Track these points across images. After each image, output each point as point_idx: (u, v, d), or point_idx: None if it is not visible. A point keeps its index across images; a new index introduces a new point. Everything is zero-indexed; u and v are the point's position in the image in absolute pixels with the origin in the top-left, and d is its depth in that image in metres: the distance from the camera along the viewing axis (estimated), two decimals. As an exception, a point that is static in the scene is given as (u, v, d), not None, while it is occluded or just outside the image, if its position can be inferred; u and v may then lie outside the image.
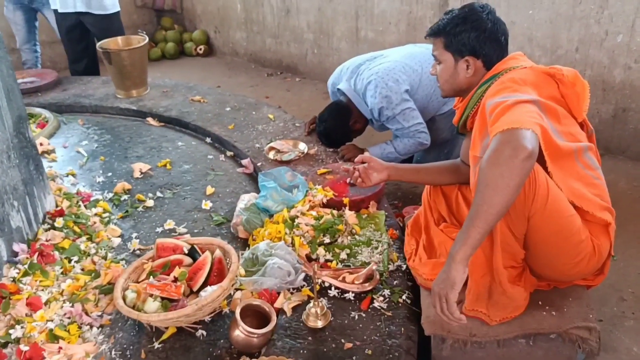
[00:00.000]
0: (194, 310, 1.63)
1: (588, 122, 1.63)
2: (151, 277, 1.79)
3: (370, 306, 1.75)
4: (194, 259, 1.87)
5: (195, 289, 1.77)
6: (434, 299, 1.45)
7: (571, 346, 1.60)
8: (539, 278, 1.64)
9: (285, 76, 4.92)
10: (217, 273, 1.81)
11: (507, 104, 1.41)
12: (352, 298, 1.79)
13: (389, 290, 1.80)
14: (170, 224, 2.23)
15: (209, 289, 1.71)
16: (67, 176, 2.63)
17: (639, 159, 3.03)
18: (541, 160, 1.43)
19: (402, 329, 1.67)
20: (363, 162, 2.02)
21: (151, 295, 1.71)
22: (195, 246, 1.90)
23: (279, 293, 1.81)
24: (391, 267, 1.92)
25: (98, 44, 3.41)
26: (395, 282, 1.85)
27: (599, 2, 2.93)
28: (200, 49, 5.74)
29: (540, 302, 1.63)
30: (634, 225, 2.49)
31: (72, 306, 1.77)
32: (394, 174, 2.02)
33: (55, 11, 3.84)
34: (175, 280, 1.77)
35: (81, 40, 3.97)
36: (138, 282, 1.80)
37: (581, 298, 1.64)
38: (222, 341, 1.67)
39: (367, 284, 1.81)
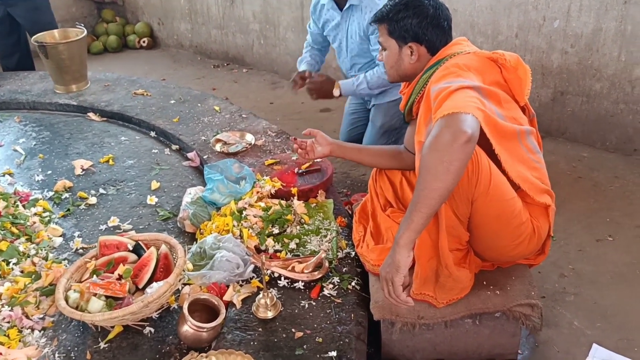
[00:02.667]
0: (140, 307, 1.59)
1: (529, 106, 1.66)
2: (95, 275, 1.74)
3: (320, 294, 1.76)
4: (139, 256, 1.82)
5: (141, 286, 1.73)
6: (382, 283, 1.48)
7: (515, 323, 1.65)
8: (483, 259, 1.68)
9: (232, 67, 4.85)
10: (164, 269, 1.78)
11: (450, 90, 1.43)
12: (302, 287, 1.79)
13: (338, 278, 1.81)
14: (114, 221, 2.17)
15: (155, 285, 1.67)
16: (4, 176, 2.52)
17: (577, 141, 3.14)
18: (486, 145, 1.44)
19: (352, 315, 1.68)
20: (310, 136, 2.05)
21: (95, 295, 1.66)
22: (140, 242, 1.85)
23: (228, 286, 1.79)
24: (340, 255, 1.92)
25: (33, 38, 3.27)
26: (344, 270, 1.86)
27: (536, -12, 3.01)
28: (144, 42, 5.59)
29: (484, 282, 1.66)
30: (573, 204, 2.58)
31: (11, 310, 1.70)
32: (337, 151, 2.05)
33: None
34: (120, 277, 1.72)
35: (11, 34, 3.80)
36: (81, 282, 1.75)
37: (524, 276, 1.69)
38: (170, 337, 1.64)
39: (316, 273, 1.81)
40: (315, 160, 2.36)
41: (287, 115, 3.75)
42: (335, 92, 2.71)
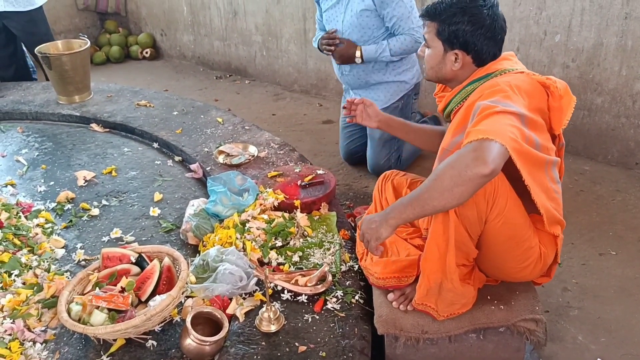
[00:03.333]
0: (143, 320, 1.58)
1: (562, 136, 1.63)
2: (97, 288, 1.73)
3: (324, 308, 1.75)
4: (142, 268, 1.82)
5: (143, 299, 1.72)
6: (360, 237, 1.57)
7: (519, 338, 1.64)
8: (487, 275, 1.68)
9: (235, 79, 4.87)
10: (166, 281, 1.77)
11: (494, 110, 1.40)
12: (305, 300, 1.78)
13: (341, 291, 1.80)
14: (116, 233, 2.17)
15: (157, 298, 1.67)
16: (6, 186, 2.52)
17: (578, 154, 3.15)
18: (514, 169, 1.42)
19: (356, 329, 1.67)
20: (363, 103, 2.02)
21: (97, 307, 1.65)
22: (143, 255, 1.85)
23: (231, 299, 1.78)
24: (343, 268, 1.92)
25: (37, 49, 3.28)
26: (347, 283, 1.85)
27: (537, 3, 3.03)
28: (147, 52, 5.62)
29: (489, 297, 1.66)
30: (575, 218, 2.58)
31: (13, 322, 1.69)
32: (384, 125, 2.02)
33: None
34: (123, 290, 1.72)
35: (7, 46, 3.80)
36: (84, 294, 1.74)
37: (528, 291, 1.69)
38: (173, 350, 1.63)
39: (319, 286, 1.81)
40: (318, 172, 2.37)
41: (290, 126, 3.76)
42: (357, 58, 2.77)
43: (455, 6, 1.61)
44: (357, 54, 2.76)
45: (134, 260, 1.84)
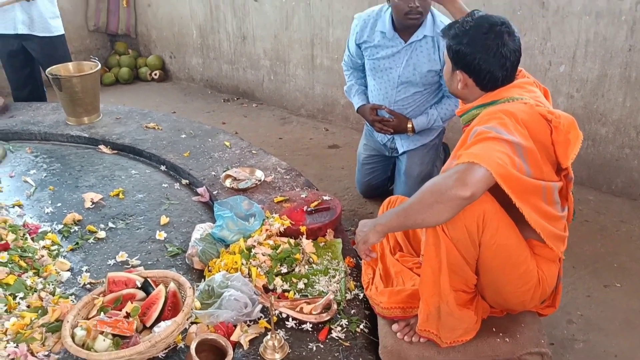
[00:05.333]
0: (147, 347, 1.58)
1: (570, 169, 1.61)
2: (102, 313, 1.73)
3: (328, 337, 1.75)
4: (148, 293, 1.82)
5: (148, 325, 1.72)
6: (356, 237, 1.72)
7: (524, 372, 1.63)
8: (490, 305, 1.68)
9: (242, 102, 4.92)
10: (172, 307, 1.77)
11: (487, 136, 1.45)
12: (309, 329, 1.78)
13: (346, 320, 1.80)
14: (122, 256, 2.17)
15: (162, 324, 1.67)
16: (13, 207, 2.53)
17: (582, 184, 3.15)
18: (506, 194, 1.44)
19: (360, 359, 1.66)
20: None
21: (102, 333, 1.65)
22: (148, 279, 1.85)
23: (235, 326, 1.78)
24: (348, 296, 1.92)
25: (47, 70, 3.33)
26: (352, 312, 1.85)
27: (542, 34, 3.06)
28: (156, 74, 5.69)
29: (494, 329, 1.66)
30: (580, 248, 2.58)
31: (17, 346, 1.69)
32: None
33: None
34: (128, 315, 1.72)
35: (25, 67, 3.86)
36: (88, 319, 1.74)
37: (533, 323, 1.68)
38: (176, 378, 1.63)
39: (324, 314, 1.81)
40: (324, 198, 2.38)
41: (296, 150, 3.79)
42: (409, 131, 2.73)
43: (462, 26, 1.63)
44: (409, 126, 2.72)
45: (139, 285, 1.84)
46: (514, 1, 3.11)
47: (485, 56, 1.58)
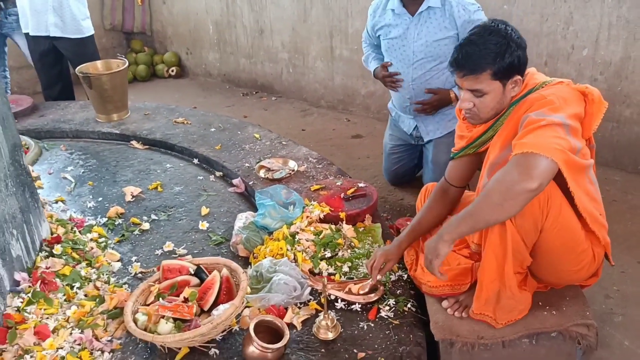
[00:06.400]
0: (210, 329, 1.65)
1: (592, 138, 1.68)
2: (160, 298, 1.80)
3: (378, 316, 1.81)
4: (201, 279, 1.89)
5: (206, 309, 1.79)
6: (425, 260, 1.61)
7: (571, 343, 1.69)
8: (539, 281, 1.74)
9: (261, 95, 4.97)
10: (226, 292, 1.84)
11: (539, 124, 1.46)
12: (358, 309, 1.85)
13: (393, 300, 1.87)
14: (169, 246, 2.24)
15: (221, 307, 1.74)
16: (57, 203, 2.61)
17: (608, 165, 3.19)
18: (560, 177, 1.48)
19: (411, 336, 1.73)
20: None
21: (163, 317, 1.72)
22: (201, 266, 1.92)
23: (286, 308, 1.84)
24: (393, 278, 1.98)
25: (77, 69, 3.40)
26: (398, 292, 1.91)
27: (565, 19, 3.10)
28: (172, 71, 5.75)
29: (540, 303, 1.72)
30: (610, 227, 2.54)
31: (82, 332, 1.77)
32: (405, 248, 1.94)
33: (27, 35, 3.82)
34: (186, 300, 1.79)
35: (55, 65, 3.95)
36: (146, 305, 1.81)
37: (577, 297, 1.74)
38: (235, 358, 1.70)
39: (372, 295, 1.87)
40: (360, 185, 2.44)
41: (320, 141, 3.84)
42: (454, 98, 2.73)
43: (498, 43, 1.59)
44: (452, 95, 2.73)
45: (192, 272, 1.91)
46: (535, -14, 3.15)
47: (525, 46, 1.63)
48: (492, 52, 1.58)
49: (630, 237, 2.56)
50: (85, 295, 1.96)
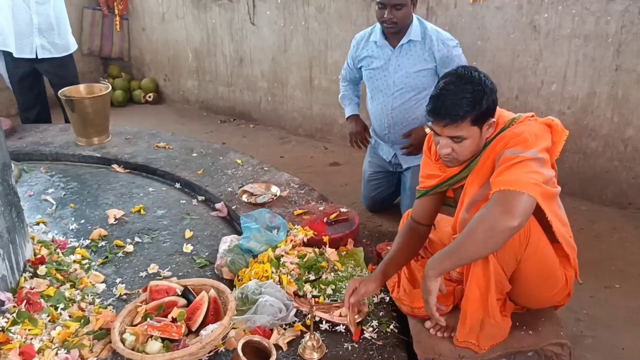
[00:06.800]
0: (198, 348, 1.68)
1: (555, 164, 1.77)
2: (148, 319, 1.82)
3: (362, 337, 1.86)
4: (189, 300, 1.91)
5: (194, 329, 1.82)
6: (425, 304, 1.70)
7: (546, 362, 1.77)
8: (516, 304, 1.82)
9: (239, 123, 5.04)
10: (214, 312, 1.87)
11: (514, 161, 1.54)
12: (343, 330, 1.89)
13: (376, 321, 1.92)
14: (154, 268, 2.26)
15: (209, 327, 1.77)
16: (38, 224, 2.60)
17: (575, 195, 3.35)
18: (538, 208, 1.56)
19: (394, 356, 1.78)
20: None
21: (151, 337, 1.74)
22: (188, 287, 1.95)
23: (272, 330, 1.88)
24: (375, 300, 2.04)
25: (60, 92, 3.42)
26: (381, 314, 1.97)
27: (535, 55, 3.28)
28: (150, 97, 5.78)
29: (517, 323, 1.80)
30: (579, 254, 2.73)
31: (68, 352, 1.77)
32: (382, 285, 1.93)
33: (9, 57, 3.81)
34: (174, 320, 1.81)
35: (34, 87, 3.95)
36: (133, 325, 1.83)
37: (552, 318, 1.83)
38: (222, 378, 1.72)
39: (356, 316, 1.92)
40: (342, 210, 2.51)
41: (299, 169, 3.91)
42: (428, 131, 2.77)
43: (474, 91, 1.63)
44: (426, 130, 2.80)
45: (179, 293, 1.94)
46: (507, 25, 3.33)
47: (490, 89, 1.67)
48: (471, 100, 1.62)
49: (597, 263, 2.69)
50: (70, 316, 1.96)
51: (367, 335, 1.86)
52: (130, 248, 2.41)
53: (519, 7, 3.26)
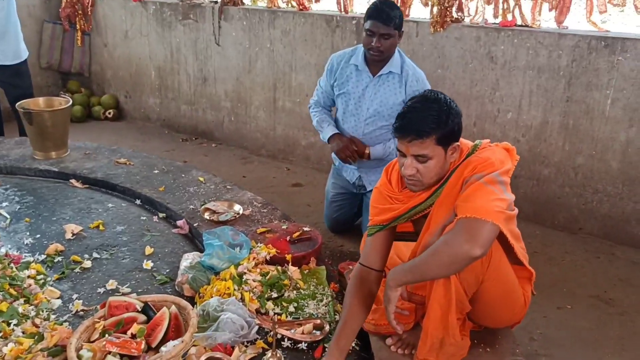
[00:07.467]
0: (159, 364, 1.65)
1: None
2: (106, 335, 1.78)
3: (323, 354, 1.87)
4: (149, 317, 1.88)
5: (154, 345, 1.79)
6: (386, 313, 1.72)
7: (504, 379, 1.82)
8: (475, 323, 1.87)
9: (201, 142, 5.01)
10: (174, 329, 1.85)
11: (479, 182, 1.60)
12: (304, 348, 1.90)
13: (338, 339, 1.93)
14: (112, 284, 2.22)
15: (170, 343, 1.74)
16: (-10, 238, 2.52)
17: (529, 220, 3.46)
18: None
19: (355, 373, 1.80)
20: None
21: (109, 353, 1.70)
22: (148, 303, 1.92)
23: (233, 347, 1.87)
24: (337, 318, 2.05)
25: (18, 104, 3.34)
26: (343, 331, 1.98)
27: (492, 84, 3.42)
28: (109, 113, 5.69)
29: (475, 341, 1.84)
30: (533, 276, 2.85)
31: (21, 369, 1.71)
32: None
33: None
34: (134, 336, 1.78)
35: None
36: (91, 342, 1.78)
37: (508, 336, 1.89)
38: (182, 396, 1.69)
39: (318, 333, 1.94)
40: (305, 229, 2.53)
41: (261, 189, 3.91)
42: (366, 155, 2.89)
43: (439, 110, 1.65)
44: (367, 152, 2.89)
45: (139, 309, 1.90)
46: (466, 55, 3.46)
47: (455, 112, 1.69)
48: (436, 117, 1.63)
49: (550, 285, 2.78)
50: (23, 333, 1.90)
51: (328, 352, 1.87)
52: (88, 264, 2.36)
53: (477, 39, 3.40)
